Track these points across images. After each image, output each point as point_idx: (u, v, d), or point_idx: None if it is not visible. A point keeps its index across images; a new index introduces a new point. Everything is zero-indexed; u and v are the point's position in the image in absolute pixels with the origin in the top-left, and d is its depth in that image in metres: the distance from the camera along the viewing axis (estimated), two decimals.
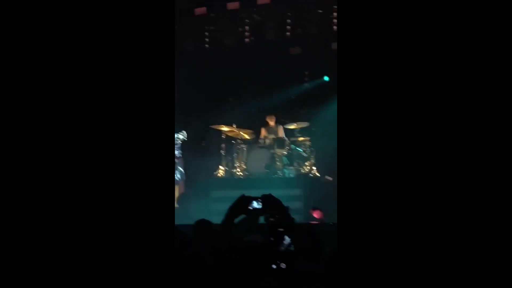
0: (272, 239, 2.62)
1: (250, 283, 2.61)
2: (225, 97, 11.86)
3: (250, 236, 2.79)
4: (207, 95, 11.32)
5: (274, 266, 2.57)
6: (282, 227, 2.65)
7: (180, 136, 9.14)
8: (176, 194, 9.23)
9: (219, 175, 10.31)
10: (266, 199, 2.89)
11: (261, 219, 2.91)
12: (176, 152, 9.16)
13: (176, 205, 8.81)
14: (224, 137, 10.34)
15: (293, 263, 2.60)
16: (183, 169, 9.64)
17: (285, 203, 2.90)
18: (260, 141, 10.58)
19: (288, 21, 11.08)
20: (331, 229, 4.86)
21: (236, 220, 2.96)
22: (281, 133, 10.52)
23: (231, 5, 11.25)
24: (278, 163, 10.15)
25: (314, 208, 8.74)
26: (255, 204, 2.88)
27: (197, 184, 10.18)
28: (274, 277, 2.60)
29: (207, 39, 11.70)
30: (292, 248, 2.60)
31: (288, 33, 11.15)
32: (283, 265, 2.56)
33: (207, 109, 11.19)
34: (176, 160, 9.09)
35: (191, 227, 4.07)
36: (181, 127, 8.93)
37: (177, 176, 9.33)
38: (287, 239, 2.57)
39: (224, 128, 10.13)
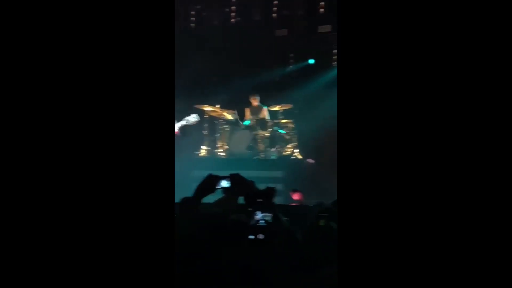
0: (250, 209, 2.66)
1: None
2: (209, 77, 11.79)
3: (236, 215, 2.82)
4: (191, 75, 11.24)
5: (251, 237, 2.60)
6: (260, 198, 2.68)
7: (193, 119, 9.19)
8: None
9: (201, 154, 10.29)
10: (234, 178, 3.02)
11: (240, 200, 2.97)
12: None
13: None
14: (207, 117, 10.29)
15: (270, 235, 2.62)
16: None
17: (267, 185, 2.97)
18: (243, 122, 10.56)
19: (275, 2, 11.02)
20: (311, 211, 4.91)
21: (215, 200, 3.06)
22: (264, 115, 10.50)
23: None
24: (260, 145, 10.14)
25: (294, 190, 8.76)
26: (224, 183, 2.94)
27: (179, 163, 10.11)
28: (253, 247, 2.63)
29: (192, 19, 11.60)
30: (266, 219, 2.64)
31: (274, 15, 11.09)
32: (260, 236, 2.58)
33: (190, 89, 11.11)
34: None
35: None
36: None
37: None
38: (259, 214, 2.63)
39: (207, 108, 10.08)
